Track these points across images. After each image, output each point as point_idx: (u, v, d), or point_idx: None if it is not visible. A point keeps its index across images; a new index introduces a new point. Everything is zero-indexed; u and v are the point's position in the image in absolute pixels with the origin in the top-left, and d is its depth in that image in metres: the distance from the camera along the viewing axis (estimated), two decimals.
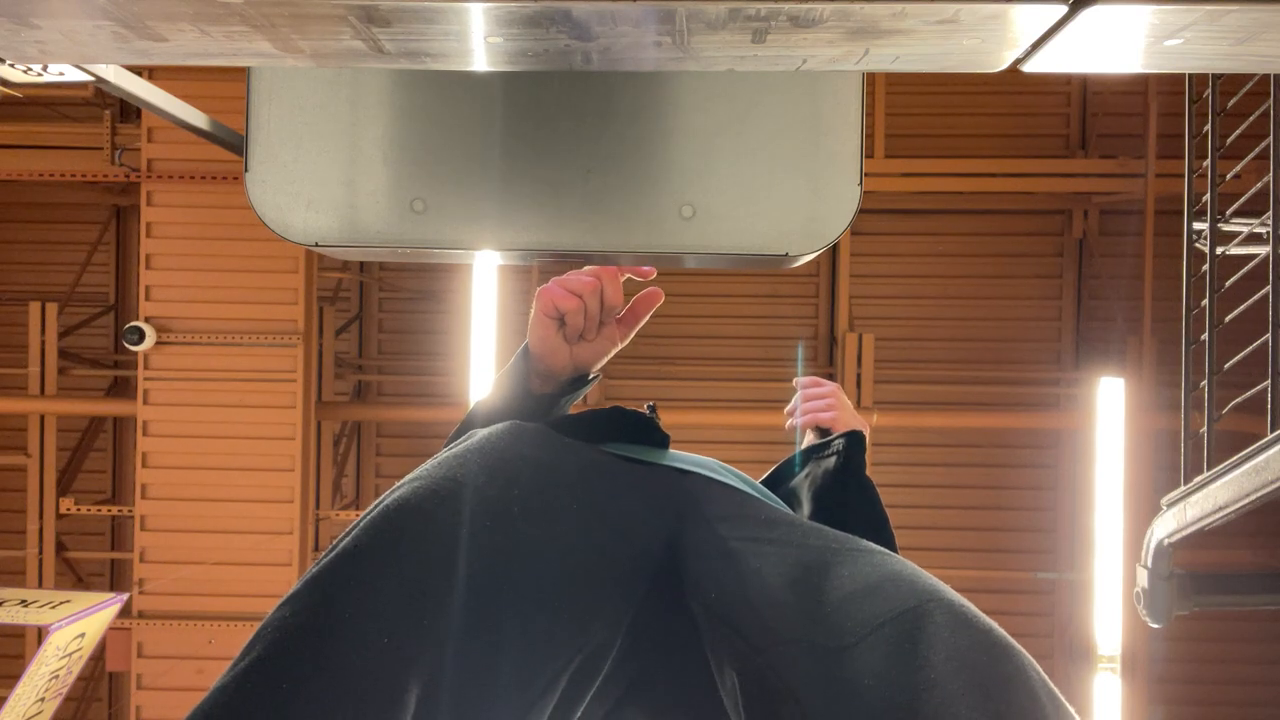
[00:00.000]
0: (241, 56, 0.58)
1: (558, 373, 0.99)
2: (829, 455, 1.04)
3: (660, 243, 0.99)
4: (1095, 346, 6.15)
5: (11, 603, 3.66)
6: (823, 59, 0.56)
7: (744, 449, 5.70)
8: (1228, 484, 2.49)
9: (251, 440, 5.00)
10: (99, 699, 6.44)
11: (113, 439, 6.54)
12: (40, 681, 3.59)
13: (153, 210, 5.01)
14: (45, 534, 5.67)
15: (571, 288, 0.94)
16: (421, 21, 0.52)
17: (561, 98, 0.97)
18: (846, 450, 1.03)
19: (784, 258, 0.98)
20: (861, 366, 5.80)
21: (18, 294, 6.21)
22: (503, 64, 0.58)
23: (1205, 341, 2.81)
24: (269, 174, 0.97)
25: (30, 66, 0.95)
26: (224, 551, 4.98)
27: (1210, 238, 2.85)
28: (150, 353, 4.94)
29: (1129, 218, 5.72)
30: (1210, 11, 0.48)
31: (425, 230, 0.98)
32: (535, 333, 0.96)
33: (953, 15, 0.49)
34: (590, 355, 0.99)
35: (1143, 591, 2.92)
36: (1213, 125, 2.85)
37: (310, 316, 5.06)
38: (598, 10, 0.50)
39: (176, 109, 1.41)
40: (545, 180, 0.97)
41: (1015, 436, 6.13)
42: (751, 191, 0.97)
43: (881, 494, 1.05)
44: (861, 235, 6.20)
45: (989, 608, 0.69)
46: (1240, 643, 5.99)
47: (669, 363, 6.29)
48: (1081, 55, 0.55)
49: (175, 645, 5.00)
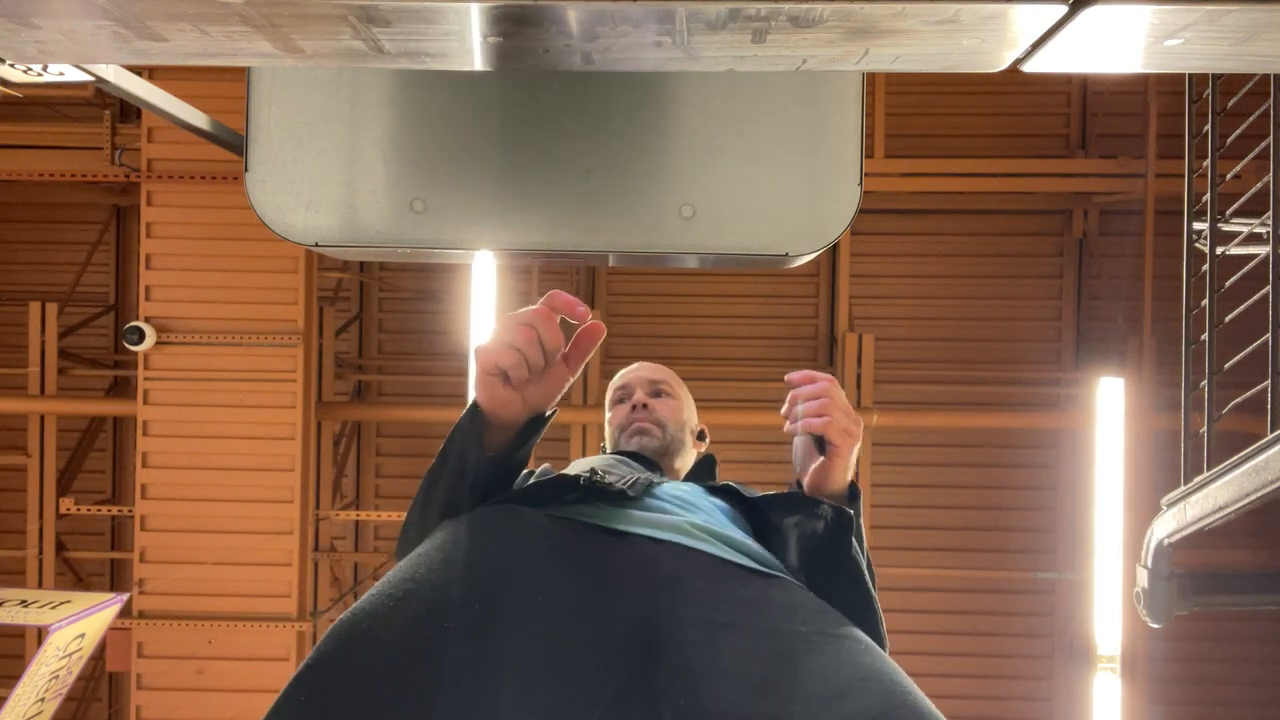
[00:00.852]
0: (241, 56, 0.58)
1: (513, 421, 0.98)
2: (818, 518, 1.02)
3: (660, 243, 0.99)
4: (1095, 346, 6.15)
5: (11, 603, 3.66)
6: (823, 59, 0.56)
7: (744, 449, 5.70)
8: (1228, 484, 2.49)
9: (251, 440, 5.00)
10: (99, 699, 6.44)
11: (113, 439, 6.54)
12: (40, 682, 3.59)
13: (153, 210, 5.01)
14: (45, 534, 5.67)
15: (509, 341, 0.92)
16: (421, 21, 0.52)
17: (561, 98, 0.97)
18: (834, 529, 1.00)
19: (784, 258, 0.98)
20: (861, 366, 5.80)
21: (18, 294, 6.21)
22: (503, 64, 0.58)
23: (1205, 341, 2.81)
24: (269, 174, 0.97)
25: (30, 66, 0.95)
26: (224, 551, 4.98)
27: (1210, 238, 2.85)
28: (150, 353, 4.94)
29: (1129, 218, 5.72)
30: (1210, 11, 0.48)
31: (425, 230, 0.98)
32: (482, 392, 0.96)
33: (953, 15, 0.49)
34: (542, 396, 0.98)
35: (1143, 591, 2.92)
36: (1213, 125, 2.85)
37: (310, 316, 5.06)
38: (598, 10, 0.50)
39: (176, 109, 1.40)
40: (545, 180, 0.97)
41: (1015, 436, 6.13)
42: (751, 191, 0.97)
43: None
44: (861, 235, 6.20)
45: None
46: (1240, 643, 5.98)
47: (669, 362, 6.27)
48: (1081, 55, 0.55)
49: (175, 645, 5.00)
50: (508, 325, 0.94)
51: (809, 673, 0.77)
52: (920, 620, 6.12)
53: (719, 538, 0.98)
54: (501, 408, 0.96)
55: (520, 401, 0.96)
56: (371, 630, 0.79)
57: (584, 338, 0.97)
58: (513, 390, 0.95)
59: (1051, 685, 6.28)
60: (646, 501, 1.04)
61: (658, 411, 1.39)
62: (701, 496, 1.12)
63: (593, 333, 0.97)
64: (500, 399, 0.95)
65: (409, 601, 0.81)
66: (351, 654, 0.78)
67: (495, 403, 0.96)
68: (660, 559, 0.92)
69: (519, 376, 0.94)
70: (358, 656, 0.77)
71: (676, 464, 1.40)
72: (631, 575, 0.89)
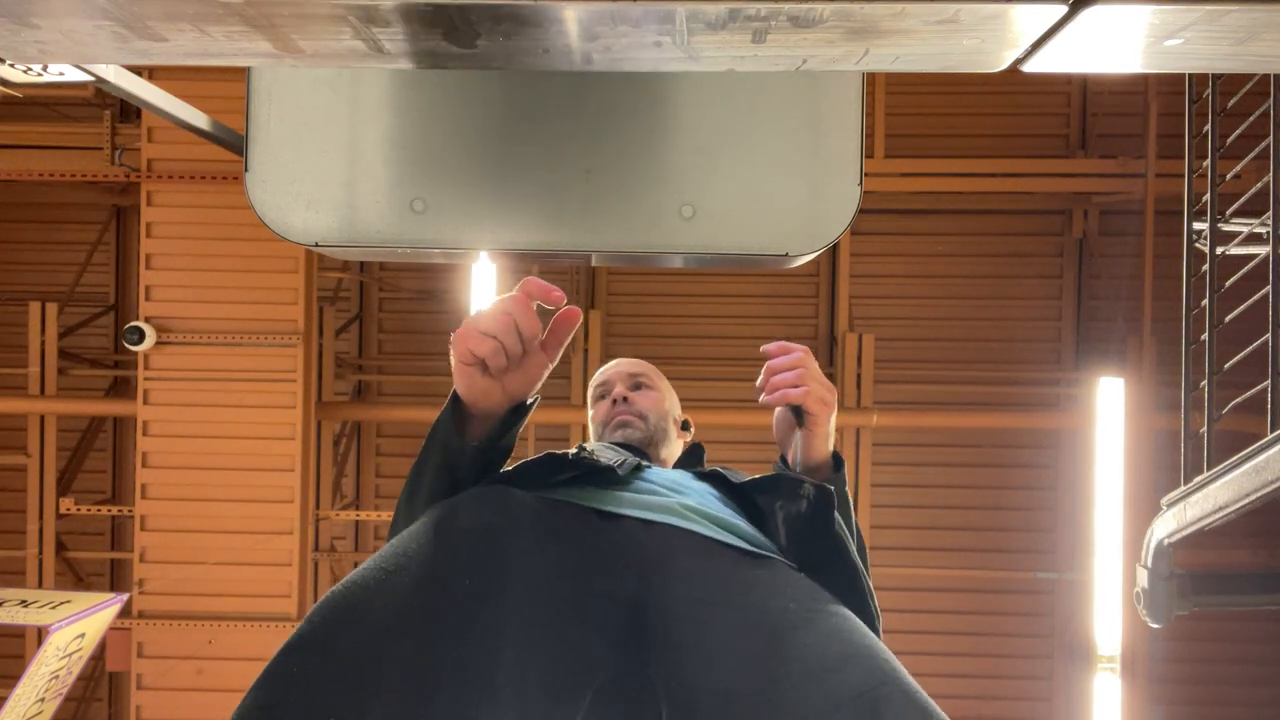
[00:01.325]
0: (241, 56, 0.58)
1: (494, 410, 0.98)
2: (800, 498, 1.02)
3: (660, 243, 0.99)
4: (1095, 346, 6.15)
5: (11, 603, 3.66)
6: (823, 59, 0.56)
7: (744, 449, 5.70)
8: (1228, 484, 2.49)
9: (251, 440, 5.00)
10: (99, 699, 6.44)
11: (113, 439, 6.54)
12: (40, 682, 3.59)
13: (153, 210, 5.01)
14: (45, 534, 5.67)
15: (485, 329, 0.92)
16: (422, 22, 0.52)
17: (561, 98, 0.97)
18: (816, 507, 1.01)
19: (784, 258, 0.98)
20: (861, 366, 5.80)
21: (18, 294, 6.21)
22: (503, 64, 0.58)
23: (1205, 341, 2.81)
24: (269, 174, 0.97)
25: (30, 66, 0.95)
26: (224, 551, 4.98)
27: (1210, 238, 2.84)
28: (150, 353, 4.94)
29: (1129, 218, 5.72)
30: (1210, 11, 0.47)
31: (425, 230, 0.98)
32: (461, 382, 0.95)
33: (953, 15, 0.49)
34: (522, 384, 0.98)
35: (1143, 591, 2.92)
36: (1213, 125, 2.85)
37: (310, 316, 5.06)
38: (598, 10, 0.50)
39: (176, 109, 1.40)
40: (545, 180, 0.97)
41: (1015, 436, 6.13)
42: (751, 191, 0.97)
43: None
44: (861, 235, 6.20)
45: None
46: (1240, 643, 5.98)
47: (669, 363, 6.28)
48: (1081, 55, 0.55)
49: (175, 645, 5.00)
50: (484, 314, 0.94)
51: (796, 649, 0.78)
52: (920, 620, 6.12)
53: (709, 518, 0.98)
54: (481, 397, 0.96)
55: (500, 390, 0.96)
56: (363, 602, 0.79)
57: (561, 323, 0.97)
58: (492, 379, 0.95)
59: (1051, 685, 6.28)
60: (636, 484, 1.04)
61: (639, 404, 1.39)
62: (690, 480, 1.13)
63: (569, 317, 0.97)
64: (480, 388, 0.95)
65: (401, 575, 0.81)
66: (342, 626, 0.78)
67: (475, 392, 0.95)
68: (650, 540, 0.92)
69: (497, 365, 0.93)
70: (349, 629, 0.77)
71: (663, 454, 1.40)
72: (622, 556, 0.90)
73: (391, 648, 0.75)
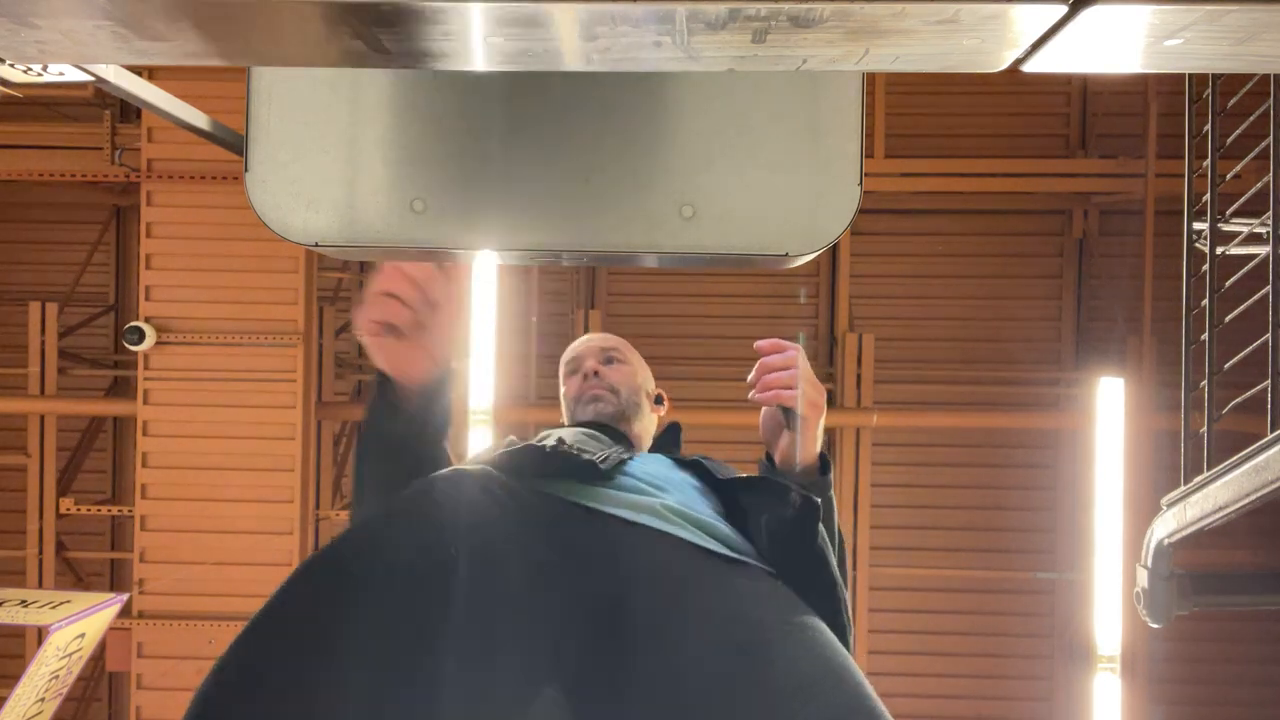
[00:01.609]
0: (241, 56, 0.58)
1: (424, 379, 0.98)
2: (786, 506, 1.01)
3: (660, 243, 0.99)
4: (1095, 346, 6.15)
5: (11, 603, 3.66)
6: (823, 59, 0.56)
7: (743, 449, 5.69)
8: (1228, 484, 2.49)
9: (251, 440, 5.00)
10: (99, 699, 6.44)
11: (113, 439, 6.54)
12: (40, 682, 3.59)
13: (153, 210, 5.01)
14: (45, 534, 5.67)
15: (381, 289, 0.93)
16: (421, 21, 0.52)
17: (561, 98, 0.97)
18: (801, 517, 1.00)
19: (784, 258, 0.98)
20: (861, 366, 5.80)
21: (18, 294, 6.21)
22: (503, 64, 0.58)
23: (1205, 341, 2.81)
24: (269, 174, 0.97)
25: (30, 66, 0.95)
26: (224, 551, 4.98)
27: (1210, 238, 2.85)
28: (150, 353, 4.94)
29: (1129, 218, 5.71)
30: (1210, 11, 0.48)
31: (425, 230, 0.98)
32: (380, 356, 0.96)
33: (953, 15, 0.49)
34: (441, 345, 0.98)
35: (1143, 591, 2.92)
36: (1213, 125, 2.85)
37: (310, 316, 5.06)
38: (598, 10, 0.50)
39: (176, 109, 1.40)
40: (545, 180, 0.97)
41: (1015, 436, 6.13)
42: (751, 191, 0.97)
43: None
44: (861, 235, 6.20)
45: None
46: (1240, 643, 5.98)
47: (669, 362, 6.29)
48: (1081, 55, 0.55)
49: (175, 645, 5.00)
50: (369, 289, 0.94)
51: (769, 665, 0.78)
52: (920, 620, 6.12)
53: (691, 520, 0.98)
54: (407, 366, 0.96)
55: (424, 355, 0.97)
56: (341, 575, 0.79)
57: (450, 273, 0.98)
58: (409, 343, 0.95)
59: (1051, 685, 6.28)
60: (620, 480, 1.03)
61: (610, 378, 1.39)
62: (672, 470, 1.12)
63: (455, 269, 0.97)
64: (402, 356, 0.95)
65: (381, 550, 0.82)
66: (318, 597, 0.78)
67: (398, 361, 0.96)
68: (631, 542, 0.92)
69: (404, 319, 0.93)
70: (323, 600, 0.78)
71: (636, 428, 1.39)
72: (601, 555, 0.89)
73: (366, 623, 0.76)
